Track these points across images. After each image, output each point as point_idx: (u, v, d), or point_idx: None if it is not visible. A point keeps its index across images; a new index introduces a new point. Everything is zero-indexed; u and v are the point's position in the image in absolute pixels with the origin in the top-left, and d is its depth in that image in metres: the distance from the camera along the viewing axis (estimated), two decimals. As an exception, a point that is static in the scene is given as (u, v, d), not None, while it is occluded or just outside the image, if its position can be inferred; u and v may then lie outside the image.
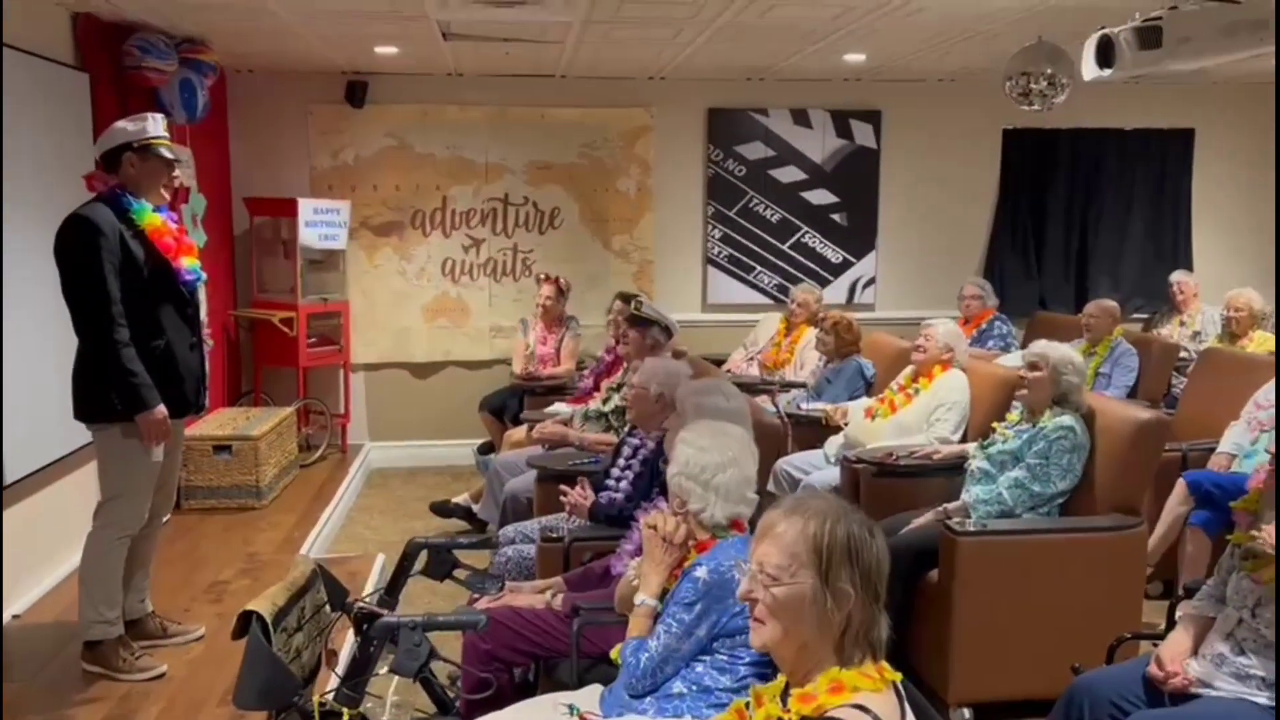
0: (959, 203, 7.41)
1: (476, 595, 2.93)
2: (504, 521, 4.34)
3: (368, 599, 2.61)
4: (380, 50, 5.90)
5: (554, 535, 3.41)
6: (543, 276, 6.52)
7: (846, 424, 5.04)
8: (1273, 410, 4.21)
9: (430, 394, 7.15)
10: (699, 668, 2.34)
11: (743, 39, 5.36)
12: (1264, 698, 2.40)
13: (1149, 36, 3.59)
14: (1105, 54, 3.76)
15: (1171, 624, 2.82)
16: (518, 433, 5.42)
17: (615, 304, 5.75)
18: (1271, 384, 4.40)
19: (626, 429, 4.08)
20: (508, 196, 7.06)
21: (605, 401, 4.77)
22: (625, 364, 4.92)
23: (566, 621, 2.80)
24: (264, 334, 6.61)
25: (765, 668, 2.23)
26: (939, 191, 7.37)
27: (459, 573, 2.85)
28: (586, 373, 5.88)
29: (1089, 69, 3.84)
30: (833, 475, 4.77)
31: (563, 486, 3.65)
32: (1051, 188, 7.42)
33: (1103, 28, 3.81)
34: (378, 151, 6.91)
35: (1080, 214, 7.48)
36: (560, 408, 5.23)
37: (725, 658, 2.35)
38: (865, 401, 5.26)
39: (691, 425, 2.64)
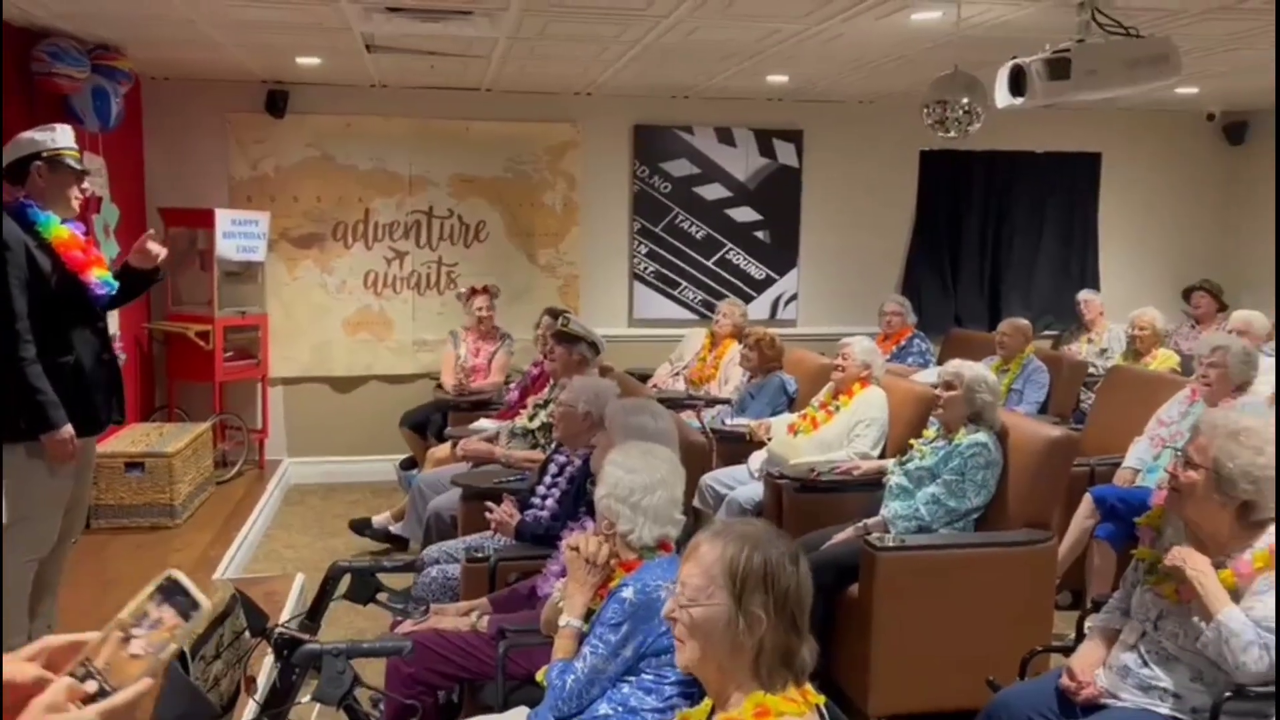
0: (878, 221, 7.57)
1: (400, 618, 2.89)
2: (427, 540, 4.30)
3: (289, 624, 2.56)
4: (302, 61, 5.82)
5: (479, 555, 3.39)
6: (475, 288, 6.47)
7: (770, 439, 5.11)
8: (1174, 427, 4.40)
9: (351, 409, 7.04)
10: (625, 688, 2.35)
11: (668, 59, 5.42)
12: (1165, 708, 2.50)
13: (1058, 68, 3.72)
14: (1017, 83, 3.89)
15: (1081, 636, 2.92)
16: (442, 449, 5.36)
17: (543, 319, 5.74)
18: (1171, 401, 4.59)
19: (553, 446, 4.08)
20: (432, 209, 7.00)
21: (531, 418, 4.75)
22: (552, 380, 4.92)
23: (492, 643, 2.79)
24: (178, 347, 6.43)
25: (691, 687, 2.26)
26: (859, 210, 7.53)
27: (382, 595, 2.81)
28: (512, 387, 5.86)
29: (1002, 97, 3.97)
30: (757, 490, 4.83)
31: (488, 504, 3.64)
32: (967, 208, 7.63)
33: (1015, 58, 3.94)
34: (299, 162, 6.79)
35: (994, 234, 7.70)
36: (485, 424, 5.20)
37: (651, 678, 2.36)
38: (788, 417, 5.34)
39: (620, 447, 2.65)
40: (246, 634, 2.53)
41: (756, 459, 5.06)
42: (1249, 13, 4.27)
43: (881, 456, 4.73)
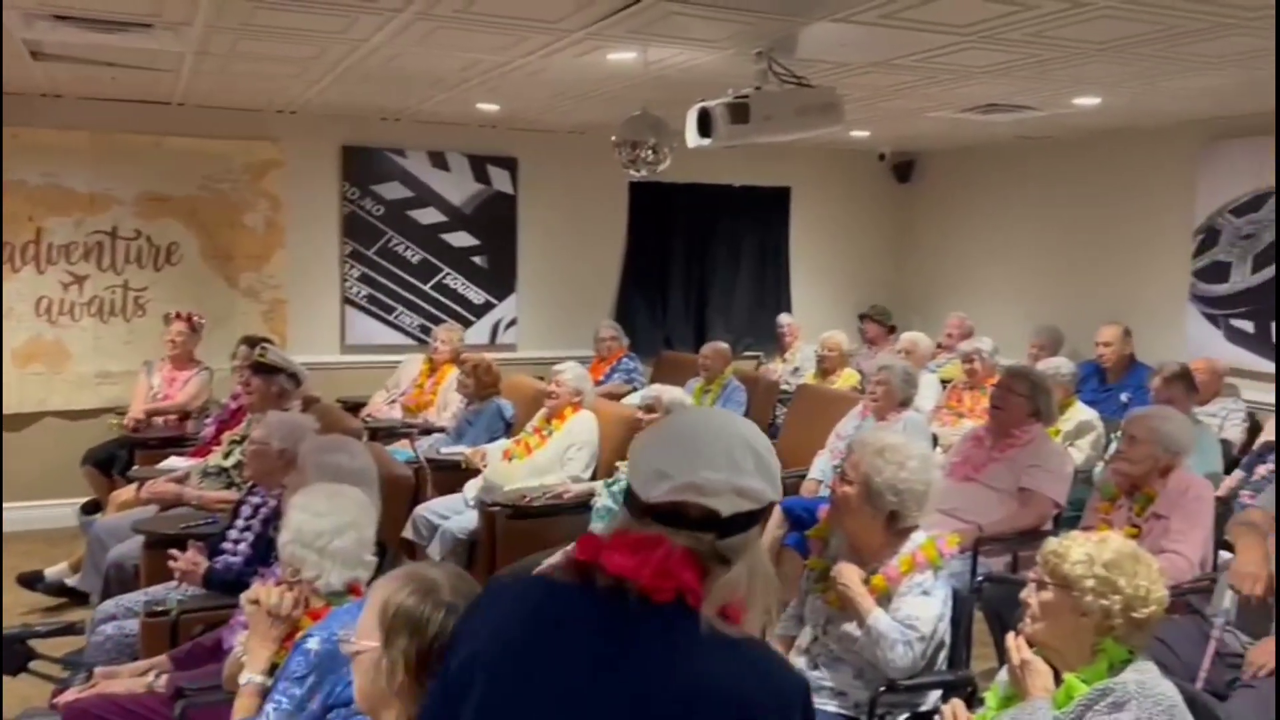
0: (593, 248, 7.78)
1: (61, 687, 2.63)
2: (107, 594, 3.94)
3: (-82, 707, 2.27)
4: (-48, 64, 5.19)
5: (159, 608, 3.16)
6: (173, 315, 6.05)
7: (485, 467, 5.12)
8: (848, 440, 4.81)
9: (22, 448, 6.32)
10: (312, 741, 2.27)
11: (373, 82, 5.31)
12: (833, 706, 2.73)
13: (739, 112, 4.01)
14: (704, 125, 4.15)
15: (763, 643, 3.13)
16: (125, 492, 4.94)
17: (240, 349, 5.45)
18: (848, 417, 5.04)
19: (248, 486, 3.87)
20: (116, 230, 6.44)
21: (226, 455, 4.48)
22: (249, 414, 4.67)
23: (169, 704, 2.61)
24: None
25: (380, 735, 2.21)
26: (574, 237, 7.70)
27: (38, 664, 2.55)
28: (209, 420, 5.51)
29: (692, 137, 4.22)
30: (472, 519, 4.82)
31: (172, 552, 3.40)
32: (672, 237, 7.97)
33: (703, 101, 4.20)
34: (-47, 176, 6.05)
35: (698, 261, 8.10)
36: (175, 462, 4.84)
37: (341, 728, 2.29)
38: (503, 443, 5.38)
39: (305, 490, 2.57)
40: None
41: (472, 487, 5.05)
42: (904, 68, 4.78)
43: (593, 478, 4.87)
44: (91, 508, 5.76)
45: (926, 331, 7.11)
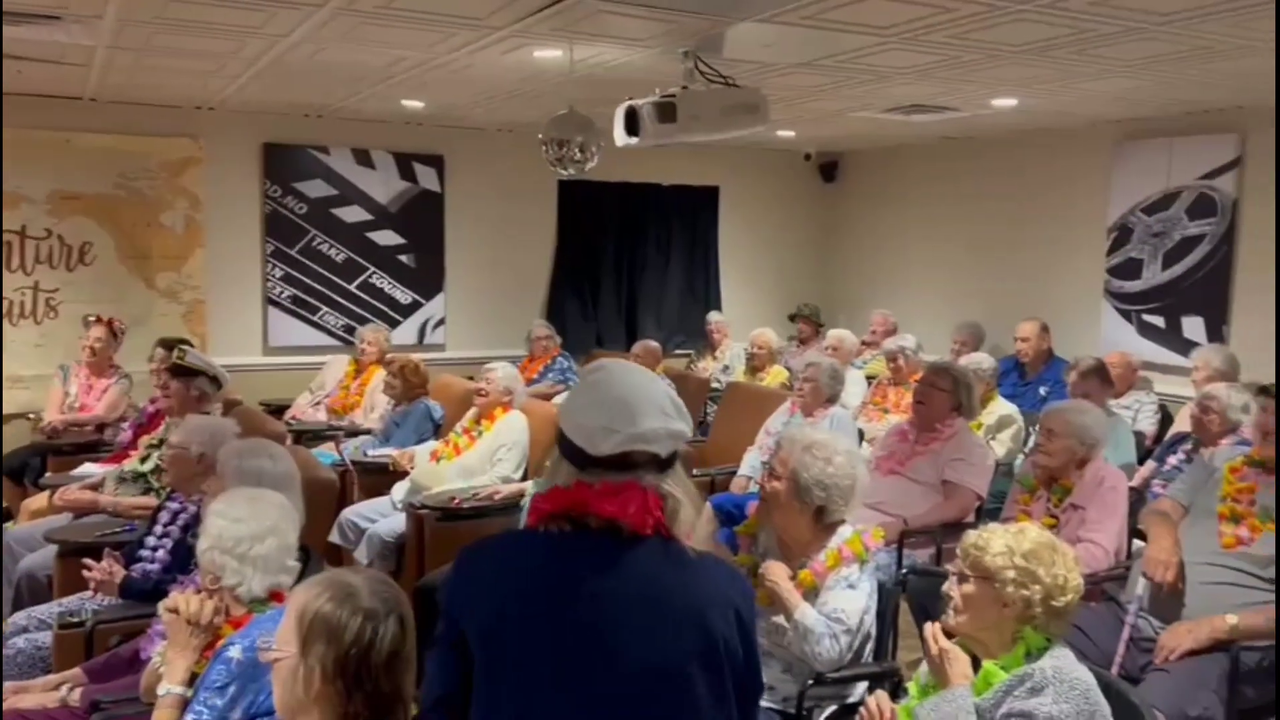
0: (522, 247, 7.74)
1: (-34, 705, 2.54)
2: (18, 606, 3.80)
3: None
4: None
5: (73, 619, 3.06)
6: (93, 318, 5.86)
7: (413, 469, 5.05)
8: (777, 436, 4.86)
9: (-73, 458, 6.08)
10: (235, 752, 2.22)
11: (295, 78, 5.22)
12: (763, 701, 2.75)
13: (666, 111, 4.02)
14: (632, 124, 4.15)
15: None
16: (38, 500, 4.76)
17: (157, 352, 5.30)
18: (776, 413, 5.08)
19: (166, 492, 3.77)
20: (25, 229, 6.23)
21: (144, 460, 4.35)
22: (167, 418, 4.55)
23: (85, 718, 2.53)
24: None
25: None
26: (503, 235, 7.65)
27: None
28: (126, 425, 5.36)
29: (620, 136, 4.22)
30: (399, 522, 4.75)
31: (87, 561, 3.29)
32: (603, 235, 7.98)
33: (630, 99, 4.20)
34: None
35: (628, 259, 8.12)
36: (90, 469, 4.69)
37: (264, 738, 2.25)
38: (432, 444, 5.31)
39: (225, 495, 2.51)
40: None
41: (400, 489, 4.98)
42: (828, 68, 4.85)
43: (524, 479, 4.85)
44: (1, 517, 5.55)
45: (851, 329, 7.21)
